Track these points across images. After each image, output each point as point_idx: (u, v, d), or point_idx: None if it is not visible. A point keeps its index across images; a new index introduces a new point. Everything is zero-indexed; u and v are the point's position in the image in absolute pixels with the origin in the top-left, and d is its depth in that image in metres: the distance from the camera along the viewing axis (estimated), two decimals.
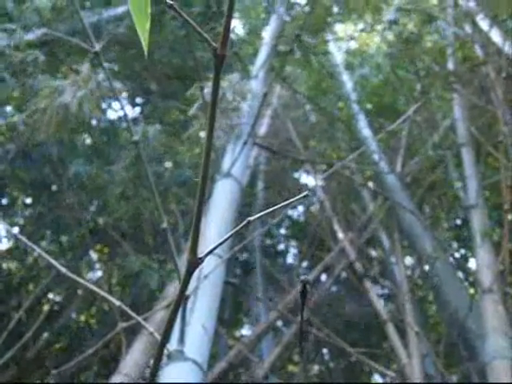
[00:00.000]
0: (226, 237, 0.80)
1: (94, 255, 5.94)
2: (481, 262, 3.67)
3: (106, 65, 2.89)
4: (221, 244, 0.80)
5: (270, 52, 3.80)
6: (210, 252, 0.79)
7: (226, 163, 3.12)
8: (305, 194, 0.77)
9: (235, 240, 3.42)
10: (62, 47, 3.95)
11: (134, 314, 2.24)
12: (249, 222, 0.78)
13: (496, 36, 4.43)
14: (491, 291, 3.37)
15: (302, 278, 0.76)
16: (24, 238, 2.96)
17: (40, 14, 3.67)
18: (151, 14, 0.74)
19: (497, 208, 4.56)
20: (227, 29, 0.62)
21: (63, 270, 2.39)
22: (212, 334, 2.39)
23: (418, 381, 3.88)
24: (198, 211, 0.78)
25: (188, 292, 2.31)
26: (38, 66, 3.29)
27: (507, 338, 3.08)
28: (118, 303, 2.26)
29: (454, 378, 5.40)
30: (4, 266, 5.53)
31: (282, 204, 0.78)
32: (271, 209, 0.80)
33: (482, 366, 3.24)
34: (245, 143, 3.03)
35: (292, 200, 0.77)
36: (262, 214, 0.79)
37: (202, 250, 2.49)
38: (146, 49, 0.75)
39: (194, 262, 0.79)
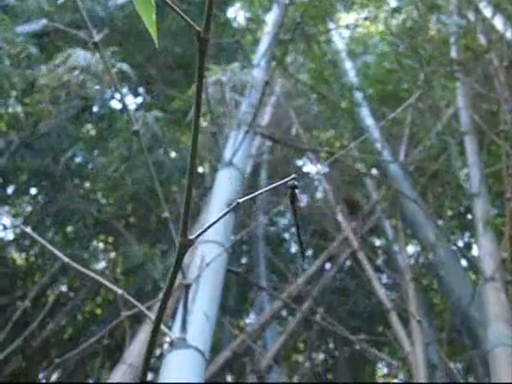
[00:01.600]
0: (216, 219, 0.81)
1: (98, 245, 5.98)
2: (483, 251, 3.67)
3: (108, 53, 2.90)
4: (211, 226, 0.80)
5: (271, 40, 3.80)
6: (201, 233, 0.80)
7: (227, 152, 3.13)
8: (292, 176, 0.77)
9: (239, 229, 3.43)
10: (63, 38, 3.95)
11: (136, 303, 2.27)
12: (238, 204, 0.79)
13: (499, 23, 4.41)
14: (493, 279, 3.37)
15: (289, 183, 0.76)
16: (28, 229, 2.98)
17: (40, 5, 3.67)
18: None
19: (500, 196, 4.55)
20: (209, 12, 0.63)
21: (66, 259, 2.42)
22: (214, 322, 2.41)
23: (421, 369, 3.88)
24: (188, 193, 0.79)
25: (190, 280, 2.32)
26: (38, 58, 3.30)
27: (509, 325, 3.08)
28: (120, 291, 2.28)
29: (459, 366, 5.41)
30: (9, 256, 5.56)
31: (270, 187, 0.79)
32: (258, 192, 0.80)
33: (484, 354, 3.25)
34: (246, 132, 3.03)
35: (279, 183, 0.78)
36: (250, 196, 0.80)
37: (203, 238, 2.48)
38: (155, 39, 0.76)
39: (185, 244, 0.79)
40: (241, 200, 0.80)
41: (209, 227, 0.80)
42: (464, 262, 5.06)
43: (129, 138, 3.38)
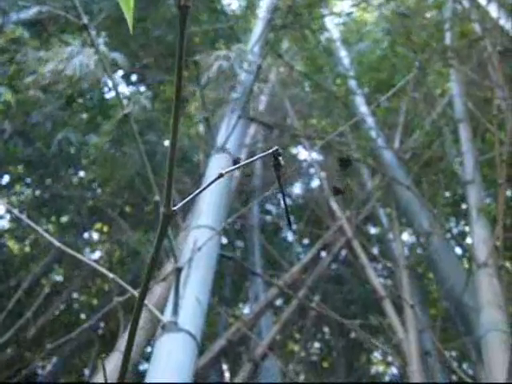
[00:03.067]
0: (200, 190, 0.80)
1: (93, 234, 5.97)
2: (477, 237, 3.67)
3: (101, 40, 2.88)
4: (194, 196, 0.80)
5: (265, 26, 3.78)
6: (184, 203, 0.80)
7: (220, 138, 3.12)
8: (274, 149, 0.77)
9: (232, 214, 3.42)
10: (56, 25, 3.93)
11: (129, 288, 2.26)
12: (221, 175, 0.78)
13: (494, 10, 4.40)
14: (486, 265, 3.37)
15: (274, 150, 0.76)
16: (23, 217, 2.98)
17: None
18: None
19: (494, 183, 4.55)
20: None
21: (57, 243, 2.41)
22: (206, 305, 2.41)
23: (414, 356, 3.90)
24: (171, 166, 0.79)
25: (181, 264, 2.32)
26: (27, 44, 3.28)
27: (502, 311, 3.08)
28: (111, 275, 2.28)
29: (452, 353, 5.44)
30: (4, 245, 5.55)
31: (253, 158, 0.79)
32: (243, 162, 0.80)
33: (477, 340, 3.25)
34: (239, 117, 3.03)
35: (262, 155, 0.78)
36: (234, 167, 0.80)
37: (197, 222, 2.47)
38: (130, 26, 0.79)
39: (169, 214, 0.79)
40: (225, 171, 0.80)
41: (193, 197, 0.80)
42: (458, 250, 5.07)
43: (120, 122, 3.37)
